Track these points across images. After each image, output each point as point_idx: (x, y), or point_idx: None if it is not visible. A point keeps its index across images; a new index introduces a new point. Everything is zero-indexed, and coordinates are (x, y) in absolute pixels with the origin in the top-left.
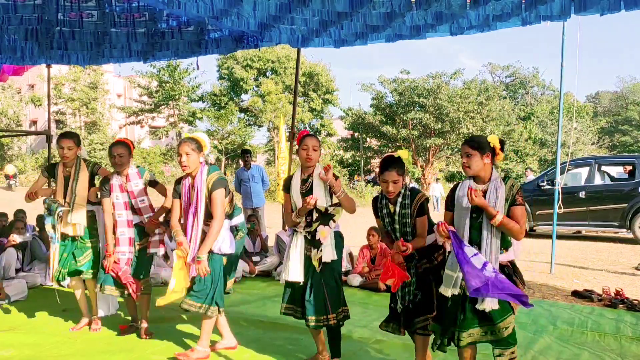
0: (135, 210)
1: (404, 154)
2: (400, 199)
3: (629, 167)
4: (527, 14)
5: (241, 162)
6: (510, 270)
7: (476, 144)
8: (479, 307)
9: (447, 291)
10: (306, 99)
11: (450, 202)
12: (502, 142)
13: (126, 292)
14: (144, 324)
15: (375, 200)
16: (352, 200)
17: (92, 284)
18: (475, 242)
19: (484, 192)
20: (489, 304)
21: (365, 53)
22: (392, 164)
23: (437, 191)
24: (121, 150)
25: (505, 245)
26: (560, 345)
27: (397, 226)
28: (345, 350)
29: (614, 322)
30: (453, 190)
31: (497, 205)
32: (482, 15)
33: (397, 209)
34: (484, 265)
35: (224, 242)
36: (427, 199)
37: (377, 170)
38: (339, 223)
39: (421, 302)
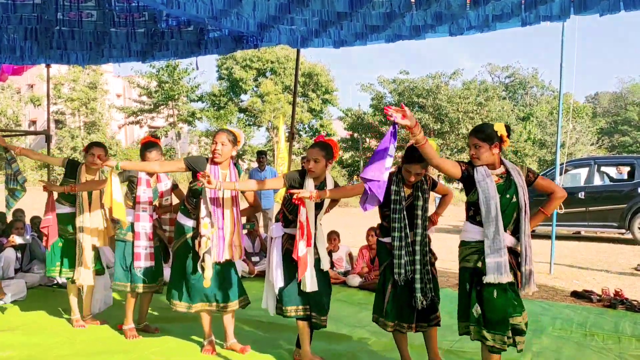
0: (154, 208)
1: (432, 144)
2: (418, 184)
3: (623, 168)
4: (527, 15)
5: (240, 163)
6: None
7: (484, 135)
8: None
9: (501, 278)
10: (305, 99)
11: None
12: (508, 129)
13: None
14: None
15: (389, 181)
16: (340, 189)
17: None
18: (512, 226)
19: (500, 178)
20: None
21: (364, 54)
22: (418, 156)
23: None
24: (154, 152)
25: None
26: (559, 345)
27: (403, 208)
28: (345, 351)
29: (613, 322)
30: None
31: (524, 192)
32: (482, 16)
33: (414, 192)
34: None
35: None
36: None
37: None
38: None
39: (434, 297)
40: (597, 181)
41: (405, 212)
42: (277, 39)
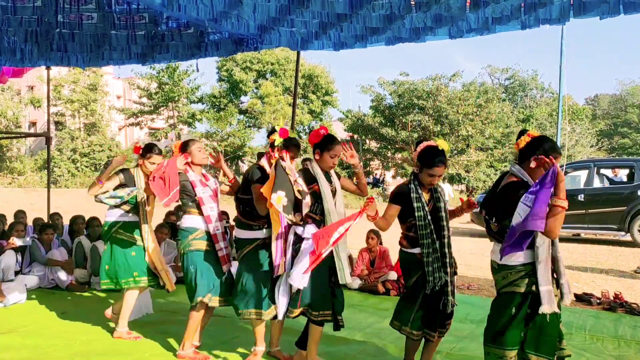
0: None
1: (445, 145)
2: (435, 186)
3: (618, 170)
4: (527, 17)
5: (240, 164)
6: None
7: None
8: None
9: (551, 308)
10: (305, 100)
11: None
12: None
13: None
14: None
15: (408, 192)
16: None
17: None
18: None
19: None
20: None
21: (364, 55)
22: (443, 158)
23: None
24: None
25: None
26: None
27: (428, 214)
28: (345, 353)
29: (613, 325)
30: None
31: None
32: (482, 19)
33: (433, 195)
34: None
35: None
36: None
37: (414, 158)
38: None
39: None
40: (596, 183)
41: (430, 218)
42: (277, 41)
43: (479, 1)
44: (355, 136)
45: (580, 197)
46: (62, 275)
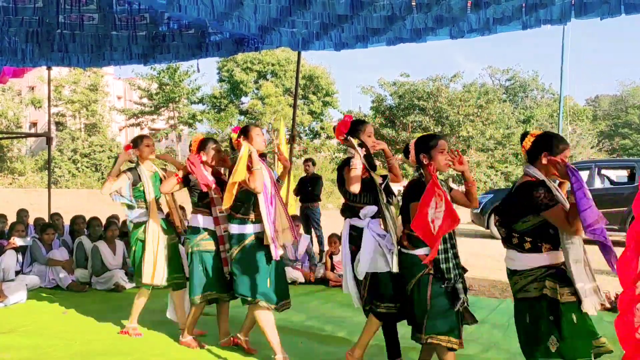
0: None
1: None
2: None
3: (625, 172)
4: (528, 18)
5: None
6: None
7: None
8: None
9: (593, 308)
10: (306, 101)
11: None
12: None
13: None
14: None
15: (420, 187)
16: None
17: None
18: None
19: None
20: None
21: (364, 56)
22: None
23: None
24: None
25: None
26: None
27: None
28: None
29: (613, 325)
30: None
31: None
32: (483, 19)
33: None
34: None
35: None
36: None
37: (413, 157)
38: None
39: None
40: (597, 184)
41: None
42: (278, 42)
43: (480, 2)
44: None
45: None
46: (63, 275)
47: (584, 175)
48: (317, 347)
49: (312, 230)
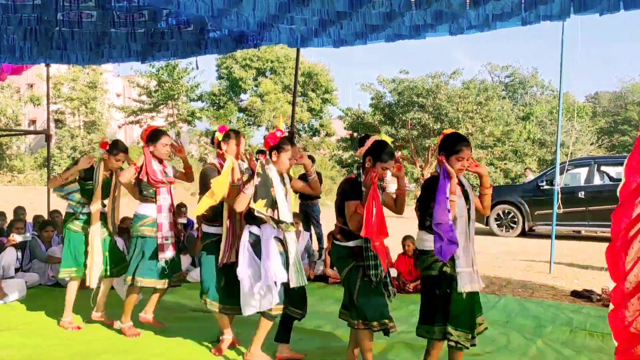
0: None
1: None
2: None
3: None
4: (527, 14)
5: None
6: None
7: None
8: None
9: (473, 286)
10: (305, 98)
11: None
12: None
13: None
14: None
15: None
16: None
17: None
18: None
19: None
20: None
21: (363, 52)
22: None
23: None
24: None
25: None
26: (557, 349)
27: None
28: (343, 347)
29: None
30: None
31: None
32: (482, 15)
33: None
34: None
35: None
36: None
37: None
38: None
39: None
40: (597, 181)
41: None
42: (277, 39)
43: None
44: (355, 134)
45: (581, 195)
46: None
47: (584, 171)
48: (316, 344)
49: (312, 227)
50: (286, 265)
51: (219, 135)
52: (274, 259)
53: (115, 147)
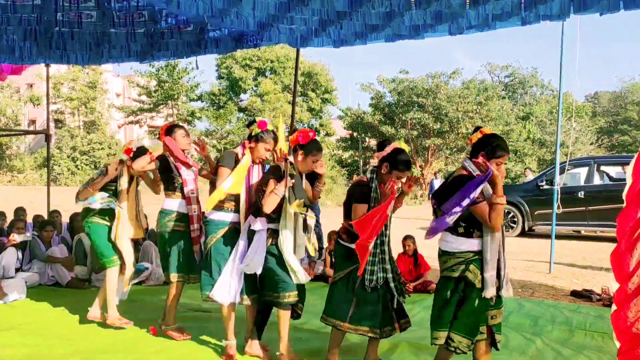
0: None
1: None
2: None
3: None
4: (527, 14)
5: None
6: None
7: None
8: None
9: (490, 293)
10: (305, 98)
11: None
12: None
13: None
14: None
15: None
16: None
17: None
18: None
19: None
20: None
21: (363, 52)
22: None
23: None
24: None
25: None
26: (556, 349)
27: None
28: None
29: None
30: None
31: None
32: (482, 15)
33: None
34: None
35: None
36: None
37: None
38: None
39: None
40: (596, 180)
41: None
42: (276, 38)
43: None
44: (355, 134)
45: (581, 194)
46: (62, 272)
47: (583, 171)
48: (316, 343)
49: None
50: (280, 263)
51: (255, 129)
52: (259, 254)
53: (140, 155)
